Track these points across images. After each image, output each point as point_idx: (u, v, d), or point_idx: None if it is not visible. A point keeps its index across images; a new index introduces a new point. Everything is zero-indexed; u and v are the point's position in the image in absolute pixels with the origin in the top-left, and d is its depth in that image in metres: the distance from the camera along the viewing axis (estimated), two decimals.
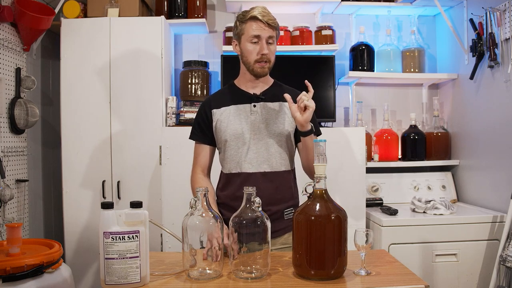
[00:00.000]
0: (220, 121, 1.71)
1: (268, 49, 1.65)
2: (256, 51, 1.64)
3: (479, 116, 2.66)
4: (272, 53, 1.68)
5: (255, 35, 1.63)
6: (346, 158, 2.43)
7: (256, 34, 1.63)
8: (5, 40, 2.41)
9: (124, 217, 1.27)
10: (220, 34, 3.05)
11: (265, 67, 1.67)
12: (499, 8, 2.38)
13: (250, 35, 1.64)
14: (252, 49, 1.65)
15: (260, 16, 1.62)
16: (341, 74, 3.03)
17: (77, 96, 2.62)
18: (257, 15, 1.63)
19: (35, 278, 1.48)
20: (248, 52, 1.66)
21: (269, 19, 1.64)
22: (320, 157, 1.34)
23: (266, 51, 1.64)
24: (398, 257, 1.59)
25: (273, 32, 1.66)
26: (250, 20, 1.64)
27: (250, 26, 1.64)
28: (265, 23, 1.63)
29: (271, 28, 1.65)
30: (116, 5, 2.71)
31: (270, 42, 1.66)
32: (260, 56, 1.64)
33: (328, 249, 1.29)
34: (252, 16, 1.63)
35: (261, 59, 1.65)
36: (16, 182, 2.52)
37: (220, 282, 1.31)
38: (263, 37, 1.63)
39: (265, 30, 1.63)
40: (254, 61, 1.66)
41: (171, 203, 2.35)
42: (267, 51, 1.64)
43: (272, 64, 1.70)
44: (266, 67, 1.68)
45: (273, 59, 1.70)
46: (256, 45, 1.64)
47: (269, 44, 1.66)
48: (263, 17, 1.62)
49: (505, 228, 2.23)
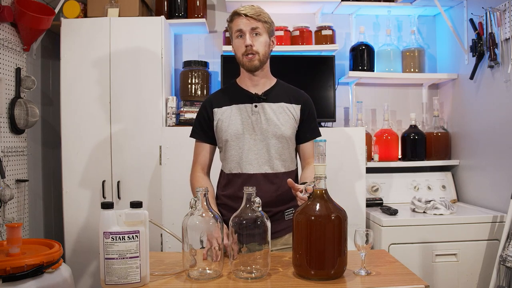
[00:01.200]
0: (221, 121, 1.70)
1: (254, 40, 1.64)
2: (242, 44, 1.65)
3: (479, 116, 2.66)
4: (260, 44, 1.65)
5: (237, 30, 1.65)
6: (346, 158, 2.43)
7: (238, 28, 1.64)
8: (5, 40, 2.41)
9: (124, 217, 1.27)
10: (220, 34, 3.05)
11: (253, 59, 1.65)
12: (499, 8, 2.38)
13: (234, 31, 1.66)
14: (238, 44, 1.66)
15: (239, 11, 1.65)
16: (341, 74, 3.03)
17: (77, 96, 2.62)
18: (237, 10, 1.65)
19: (35, 278, 1.48)
20: (236, 47, 1.68)
21: (248, 12, 1.63)
22: (320, 157, 1.33)
23: (249, 41, 1.63)
24: (398, 257, 1.59)
25: (257, 23, 1.64)
26: (233, 17, 1.67)
27: (234, 23, 1.66)
28: (245, 16, 1.63)
29: (253, 19, 1.63)
30: (116, 5, 2.71)
31: (256, 33, 1.64)
32: (245, 48, 1.64)
33: (328, 249, 1.29)
34: (234, 12, 1.67)
35: (245, 52, 1.64)
36: (16, 182, 2.52)
37: (220, 282, 1.31)
38: (245, 30, 1.63)
39: (247, 23, 1.63)
40: (241, 55, 1.66)
41: (171, 203, 2.35)
42: (250, 42, 1.63)
43: (262, 56, 1.66)
44: (254, 60, 1.65)
45: (262, 50, 1.66)
46: (241, 39, 1.65)
47: (255, 36, 1.64)
48: (242, 11, 1.64)
49: (505, 228, 2.23)
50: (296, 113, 1.72)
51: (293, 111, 1.71)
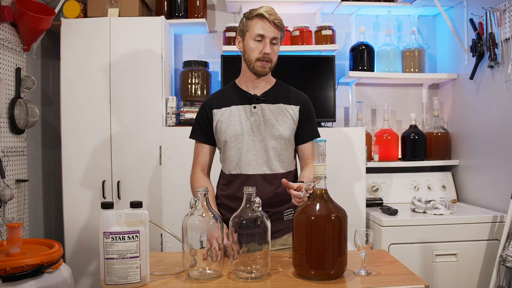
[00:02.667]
0: (221, 122, 1.70)
1: (271, 49, 1.65)
2: (259, 49, 1.64)
3: (479, 116, 2.66)
4: (274, 54, 1.67)
5: (259, 34, 1.63)
6: (346, 158, 2.43)
7: (260, 33, 1.63)
8: (5, 40, 2.41)
9: (124, 217, 1.27)
10: (220, 34, 3.05)
11: (266, 66, 1.66)
12: (499, 8, 2.38)
13: (255, 33, 1.63)
14: (254, 47, 1.64)
15: (266, 14, 1.62)
16: (341, 74, 3.03)
17: (77, 96, 2.62)
18: (263, 12, 1.63)
19: (35, 278, 1.48)
20: (251, 49, 1.65)
21: (275, 18, 1.64)
22: (320, 157, 1.33)
23: (269, 50, 1.63)
24: (398, 257, 1.59)
25: (278, 33, 1.65)
26: (257, 17, 1.64)
27: (255, 24, 1.63)
28: (271, 22, 1.62)
29: (277, 28, 1.64)
30: (116, 5, 2.71)
31: (273, 43, 1.66)
32: (263, 54, 1.64)
33: (328, 249, 1.29)
34: (259, 13, 1.63)
35: (263, 58, 1.64)
36: (16, 182, 2.52)
37: (220, 282, 1.31)
38: (267, 36, 1.63)
39: (270, 30, 1.63)
40: (255, 59, 1.65)
41: (171, 203, 2.35)
42: (270, 51, 1.64)
43: (273, 65, 1.69)
44: (267, 67, 1.67)
45: (275, 60, 1.69)
46: (260, 43, 1.64)
47: (272, 45, 1.65)
48: (269, 16, 1.62)
49: (505, 228, 2.23)
50: (294, 114, 1.72)
51: (291, 112, 1.71)
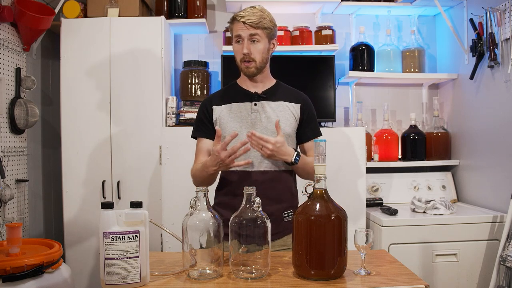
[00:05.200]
0: (220, 118, 1.71)
1: (251, 48, 1.64)
2: (240, 51, 1.66)
3: (479, 116, 2.66)
4: (257, 52, 1.65)
5: (237, 35, 1.65)
6: (346, 158, 2.43)
7: (237, 34, 1.65)
8: (5, 40, 2.41)
9: (124, 217, 1.27)
10: (220, 34, 3.05)
11: (250, 66, 1.66)
12: (499, 8, 2.38)
13: (234, 36, 1.67)
14: (236, 49, 1.67)
15: (238, 17, 1.64)
16: (341, 74, 3.03)
17: (77, 96, 2.62)
18: (236, 16, 1.65)
19: (35, 278, 1.48)
20: (235, 52, 1.69)
21: (248, 19, 1.62)
22: (320, 157, 1.33)
23: (246, 50, 1.63)
24: (398, 257, 1.59)
25: (256, 30, 1.63)
26: (233, 21, 1.67)
27: (234, 27, 1.66)
28: (244, 23, 1.63)
29: (252, 26, 1.63)
30: (116, 5, 2.71)
31: (254, 40, 1.64)
32: (242, 55, 1.65)
33: (328, 249, 1.29)
34: (233, 17, 1.67)
35: (243, 58, 1.66)
36: (16, 182, 2.52)
37: (220, 282, 1.31)
38: (244, 36, 1.64)
39: (245, 29, 1.63)
40: (240, 61, 1.68)
41: (171, 203, 2.35)
42: (247, 51, 1.64)
43: (259, 64, 1.67)
44: (251, 67, 1.66)
45: (258, 58, 1.66)
46: (240, 45, 1.66)
47: (253, 42, 1.64)
48: (240, 18, 1.63)
49: (505, 228, 2.23)
50: (296, 111, 1.72)
51: (293, 109, 1.72)
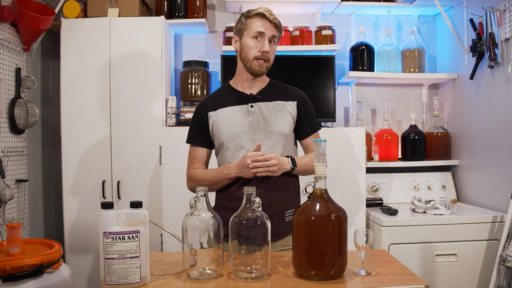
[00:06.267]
0: (217, 123, 1.69)
1: (270, 48, 1.65)
2: (258, 47, 1.64)
3: (479, 116, 2.65)
4: (272, 53, 1.68)
5: (259, 31, 1.64)
6: (346, 158, 2.43)
7: (260, 30, 1.63)
8: (5, 40, 2.41)
9: (124, 217, 1.27)
10: (220, 34, 3.05)
11: (263, 66, 1.67)
12: (499, 8, 2.38)
13: (254, 31, 1.64)
14: (253, 45, 1.65)
15: (267, 13, 1.64)
16: (341, 74, 3.03)
17: (77, 96, 2.62)
18: (263, 12, 1.64)
19: (35, 278, 1.48)
20: (249, 47, 1.65)
21: (274, 18, 1.66)
22: (320, 157, 1.33)
23: (268, 48, 1.64)
24: (398, 257, 1.59)
25: (277, 33, 1.67)
26: (256, 16, 1.65)
27: (255, 22, 1.64)
28: (271, 22, 1.64)
29: (276, 28, 1.66)
30: (116, 5, 2.71)
31: (272, 42, 1.67)
32: (261, 53, 1.64)
33: (328, 249, 1.29)
34: (259, 12, 1.65)
35: (261, 57, 1.65)
36: (16, 182, 2.52)
37: (220, 282, 1.31)
38: (266, 34, 1.64)
39: (270, 29, 1.64)
40: (253, 58, 1.65)
41: (171, 203, 2.35)
42: (268, 49, 1.64)
43: (270, 65, 1.70)
44: (264, 66, 1.67)
45: (272, 59, 1.69)
46: (258, 41, 1.65)
47: (271, 43, 1.66)
48: (269, 15, 1.64)
49: (505, 228, 2.23)
50: (293, 110, 1.72)
51: (289, 108, 1.72)
